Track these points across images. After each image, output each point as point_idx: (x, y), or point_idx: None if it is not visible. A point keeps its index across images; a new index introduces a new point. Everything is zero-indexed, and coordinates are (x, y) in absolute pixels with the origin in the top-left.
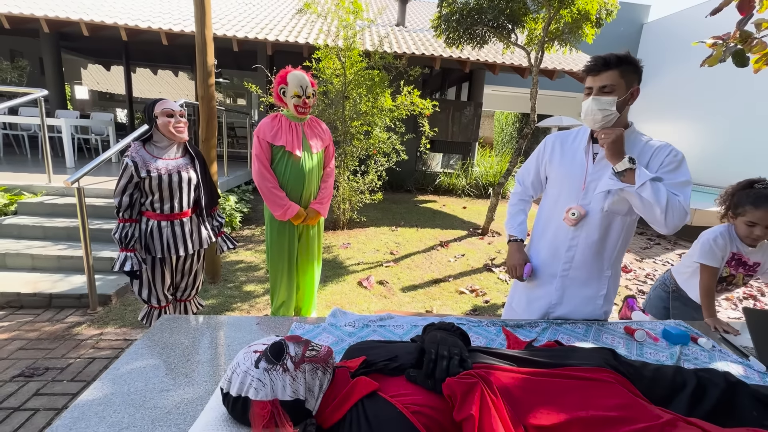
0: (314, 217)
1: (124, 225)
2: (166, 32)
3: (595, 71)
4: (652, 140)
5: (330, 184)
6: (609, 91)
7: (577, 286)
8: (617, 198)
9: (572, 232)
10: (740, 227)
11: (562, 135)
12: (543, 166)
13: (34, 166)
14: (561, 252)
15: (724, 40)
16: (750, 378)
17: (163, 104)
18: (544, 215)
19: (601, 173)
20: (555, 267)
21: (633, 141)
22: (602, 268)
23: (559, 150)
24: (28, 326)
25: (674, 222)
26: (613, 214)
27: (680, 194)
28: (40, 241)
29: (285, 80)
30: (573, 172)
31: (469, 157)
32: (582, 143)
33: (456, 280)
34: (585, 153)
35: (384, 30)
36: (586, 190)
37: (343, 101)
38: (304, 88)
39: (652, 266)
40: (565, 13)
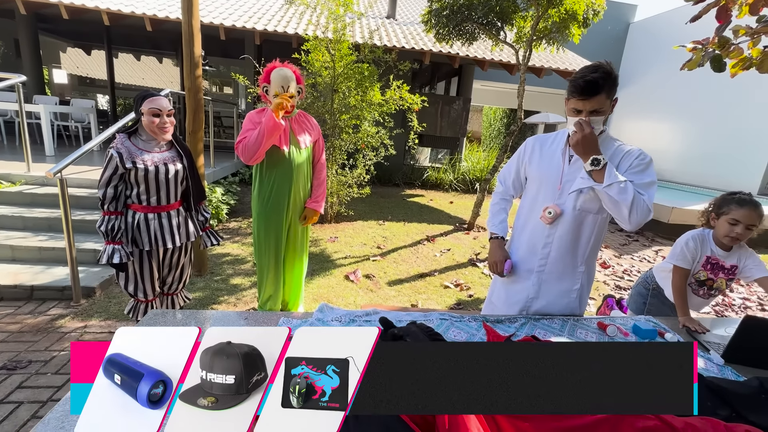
0: (313, 217)
1: (110, 217)
2: (150, 18)
3: (585, 96)
4: (623, 144)
5: (323, 179)
6: (599, 113)
7: (553, 281)
8: (588, 196)
9: (548, 229)
10: (722, 226)
11: (542, 138)
12: (523, 167)
13: (12, 153)
14: (538, 249)
15: (703, 45)
16: (709, 370)
17: (152, 102)
18: (524, 214)
19: (575, 174)
20: (532, 263)
21: (606, 145)
22: (576, 264)
23: (539, 152)
24: (9, 318)
25: (638, 219)
26: (585, 213)
27: (645, 194)
28: (20, 232)
29: (269, 79)
30: (550, 173)
31: (456, 152)
32: (560, 145)
33: (441, 275)
34: (562, 155)
35: (374, 22)
36: (561, 190)
37: (332, 94)
38: (285, 88)
39: (629, 262)
40: (553, 12)
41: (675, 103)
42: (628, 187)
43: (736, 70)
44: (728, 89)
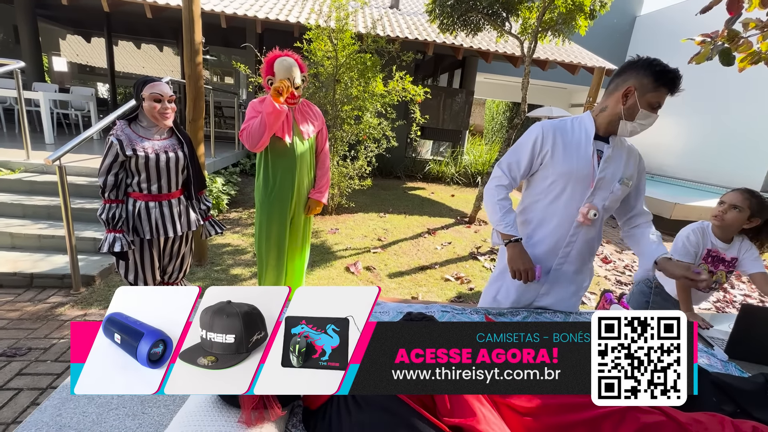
0: (315, 207)
1: (111, 206)
2: (150, 5)
3: (675, 92)
4: (629, 143)
5: (327, 170)
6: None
7: (567, 279)
8: (615, 196)
9: (574, 228)
10: (713, 210)
11: (559, 127)
12: (540, 158)
13: (11, 141)
14: (560, 247)
15: (712, 38)
16: (713, 366)
17: (153, 87)
18: (540, 210)
19: (606, 172)
20: (550, 262)
21: (622, 142)
22: (587, 262)
23: (561, 144)
24: (8, 306)
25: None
26: (608, 211)
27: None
28: (20, 220)
29: (272, 70)
30: (580, 171)
31: (459, 145)
32: (582, 139)
33: (442, 268)
34: (590, 151)
35: (377, 12)
36: (594, 189)
37: (334, 84)
38: (291, 79)
39: (631, 258)
40: (560, 3)
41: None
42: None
43: (745, 64)
44: (733, 84)
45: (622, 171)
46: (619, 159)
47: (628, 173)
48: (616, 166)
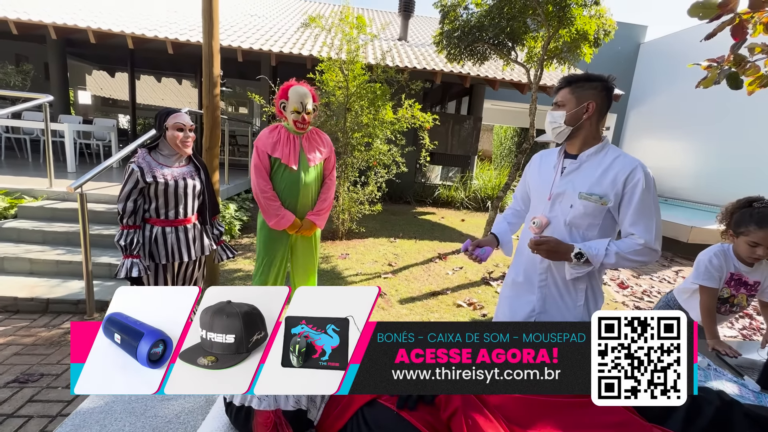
0: (309, 229)
1: (128, 231)
2: (172, 41)
3: (555, 91)
4: (621, 157)
5: (330, 196)
6: (560, 106)
7: (556, 296)
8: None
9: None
10: (741, 247)
11: (545, 152)
12: (526, 183)
13: (36, 170)
14: (536, 262)
15: (718, 62)
16: (744, 397)
17: (176, 117)
18: (525, 228)
19: (566, 186)
20: (534, 277)
21: (606, 156)
22: (576, 281)
23: (538, 166)
24: (23, 331)
25: (645, 260)
26: (576, 228)
27: (636, 230)
28: (39, 246)
29: (286, 95)
30: (542, 185)
31: (468, 170)
32: (554, 158)
33: (454, 293)
34: (554, 167)
35: (387, 44)
36: (551, 202)
37: (345, 113)
38: (304, 104)
39: (648, 282)
40: (564, 32)
41: (689, 121)
42: (610, 251)
43: (754, 87)
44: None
45: (587, 186)
46: (587, 174)
47: (599, 189)
48: (580, 181)
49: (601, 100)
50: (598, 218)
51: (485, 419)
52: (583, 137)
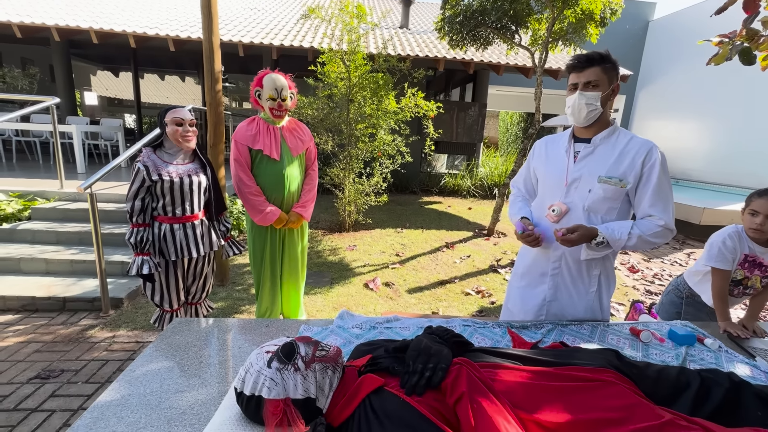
0: (296, 221)
1: (138, 230)
2: (173, 39)
3: (580, 68)
4: (634, 139)
5: (313, 186)
6: (594, 86)
7: (569, 283)
8: (597, 196)
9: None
10: (745, 220)
11: (549, 138)
12: (532, 170)
13: (46, 171)
14: (549, 251)
15: (730, 38)
16: (756, 378)
17: (174, 113)
18: (535, 215)
19: (582, 171)
20: (545, 266)
21: (618, 140)
22: (590, 267)
23: (545, 152)
24: (43, 329)
25: (663, 240)
26: (595, 213)
27: (655, 212)
28: (53, 246)
29: (260, 83)
30: (556, 171)
31: (473, 158)
32: (564, 143)
33: (462, 282)
34: (566, 153)
35: (388, 33)
36: (568, 188)
37: (348, 104)
38: (279, 90)
39: (659, 266)
40: (569, 13)
41: (700, 100)
42: (633, 234)
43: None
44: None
45: (605, 170)
46: (602, 158)
47: (618, 172)
48: (597, 164)
49: (618, 82)
50: (617, 201)
51: (490, 403)
52: (602, 120)
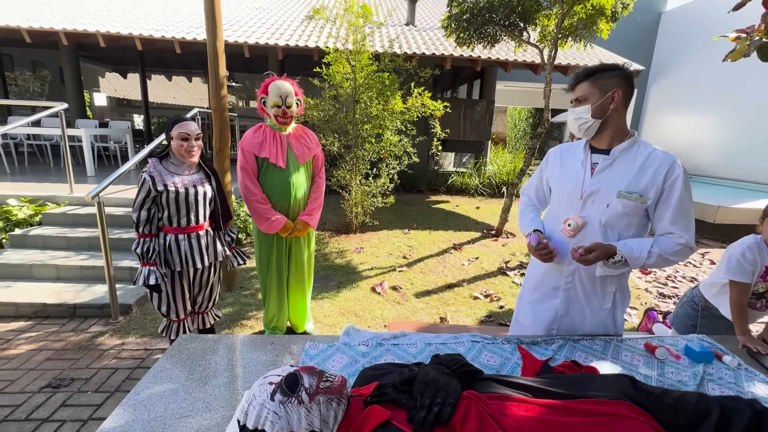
0: (303, 229)
1: (144, 240)
2: (179, 41)
3: (569, 88)
4: (656, 152)
5: (320, 194)
6: (582, 101)
7: (582, 299)
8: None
9: (573, 243)
10: (765, 230)
11: (564, 146)
12: (545, 180)
13: (57, 175)
14: (563, 265)
15: (748, 33)
16: None
17: (180, 127)
18: (547, 228)
19: (599, 184)
20: (558, 280)
21: (638, 152)
22: (605, 283)
23: (560, 162)
24: (54, 336)
25: (682, 258)
26: (612, 228)
27: (675, 229)
28: (64, 252)
29: (266, 90)
30: (571, 183)
31: (481, 156)
32: (579, 153)
33: (470, 285)
34: (582, 165)
35: (394, 30)
36: (584, 201)
37: (354, 105)
38: (283, 98)
39: (673, 267)
40: (579, 8)
41: (714, 93)
42: (653, 253)
43: None
44: None
45: (625, 184)
46: (622, 171)
47: (638, 187)
48: (616, 178)
49: (624, 88)
50: (635, 217)
51: None
52: (613, 130)
